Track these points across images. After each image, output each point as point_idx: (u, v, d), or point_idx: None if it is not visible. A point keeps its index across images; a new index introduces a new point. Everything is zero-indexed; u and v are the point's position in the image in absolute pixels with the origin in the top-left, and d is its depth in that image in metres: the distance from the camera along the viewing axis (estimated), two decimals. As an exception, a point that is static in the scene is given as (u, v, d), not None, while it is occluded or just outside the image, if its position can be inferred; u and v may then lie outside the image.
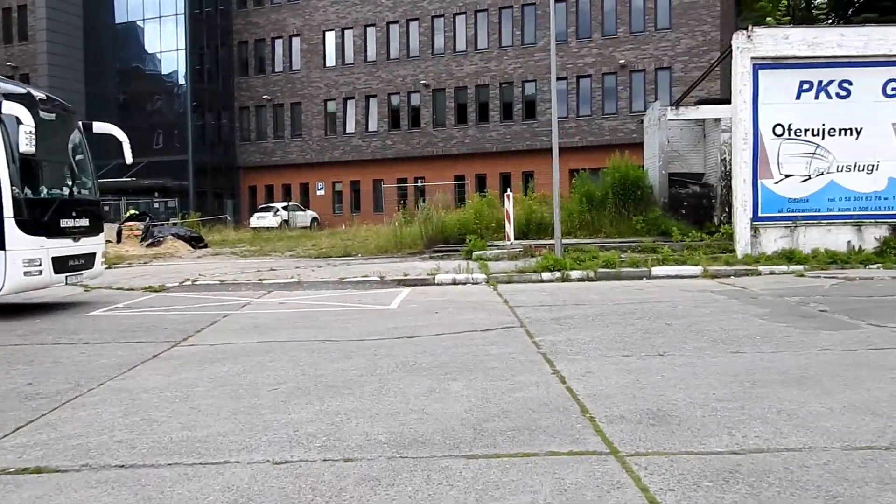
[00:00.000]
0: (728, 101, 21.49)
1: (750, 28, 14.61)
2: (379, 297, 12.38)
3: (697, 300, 10.87)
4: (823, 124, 14.86)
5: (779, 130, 14.90)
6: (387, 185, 35.99)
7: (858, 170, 14.89)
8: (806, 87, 14.85)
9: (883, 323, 8.55)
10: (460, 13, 35.89)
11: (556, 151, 15.30)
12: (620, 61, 32.91)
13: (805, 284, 12.36)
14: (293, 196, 40.73)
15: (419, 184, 36.18)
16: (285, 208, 36.91)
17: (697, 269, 14.04)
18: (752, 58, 14.66)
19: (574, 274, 14.04)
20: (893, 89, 14.84)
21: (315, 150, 40.15)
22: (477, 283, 14.01)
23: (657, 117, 20.89)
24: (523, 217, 20.37)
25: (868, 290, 11.36)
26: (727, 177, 20.49)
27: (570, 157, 33.99)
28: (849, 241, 14.84)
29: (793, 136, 14.88)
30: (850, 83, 14.79)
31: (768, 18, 51.16)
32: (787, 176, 14.92)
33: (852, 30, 14.72)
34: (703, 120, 21.79)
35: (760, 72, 14.73)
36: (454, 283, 14.08)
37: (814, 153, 14.89)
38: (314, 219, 38.62)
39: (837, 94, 14.85)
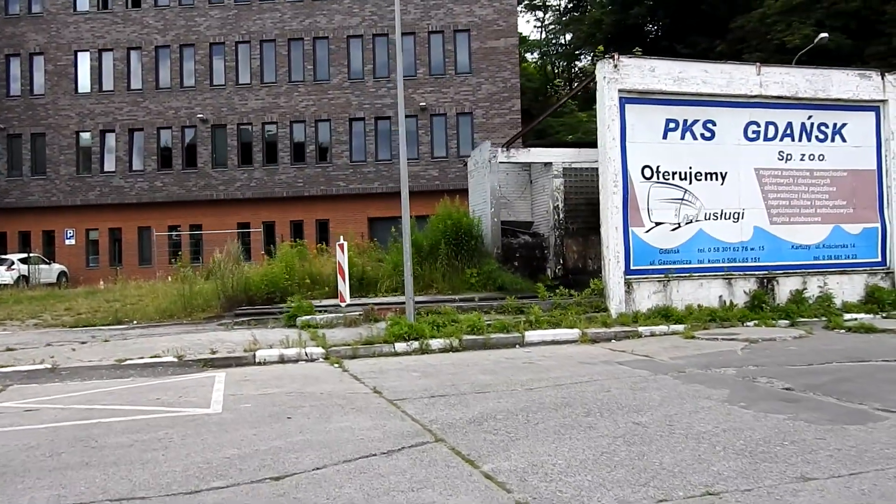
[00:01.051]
0: (556, 145, 20.21)
1: (616, 56, 13.01)
2: (186, 389, 8.57)
3: (622, 378, 8.53)
4: (690, 167, 13.59)
5: (647, 173, 13.36)
6: (158, 233, 30.70)
7: (725, 218, 13.76)
8: (672, 125, 13.52)
9: (889, 406, 6.76)
10: (243, 42, 32.14)
11: (405, 193, 12.49)
12: (421, 104, 31.18)
13: (712, 350, 10.59)
14: (34, 246, 33.59)
15: (197, 232, 31.37)
16: (24, 261, 29.98)
17: (574, 333, 11.89)
18: (620, 90, 13.04)
19: (435, 343, 11.24)
20: (755, 132, 14.01)
21: (64, 191, 33.57)
22: (314, 361, 10.66)
23: (487, 159, 18.93)
24: (341, 270, 17.24)
25: (792, 357, 9.74)
26: (560, 226, 19.01)
27: (369, 203, 31.48)
28: (720, 296, 13.57)
29: (661, 179, 13.42)
30: (715, 124, 13.72)
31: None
32: (657, 224, 13.38)
33: (716, 66, 13.72)
34: (529, 164, 20.27)
35: (627, 106, 13.16)
36: (282, 360, 10.60)
37: (682, 199, 13.54)
38: (62, 273, 31.93)
39: (703, 136, 13.69)
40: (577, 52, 64.58)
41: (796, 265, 14.06)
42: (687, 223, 13.51)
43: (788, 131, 14.16)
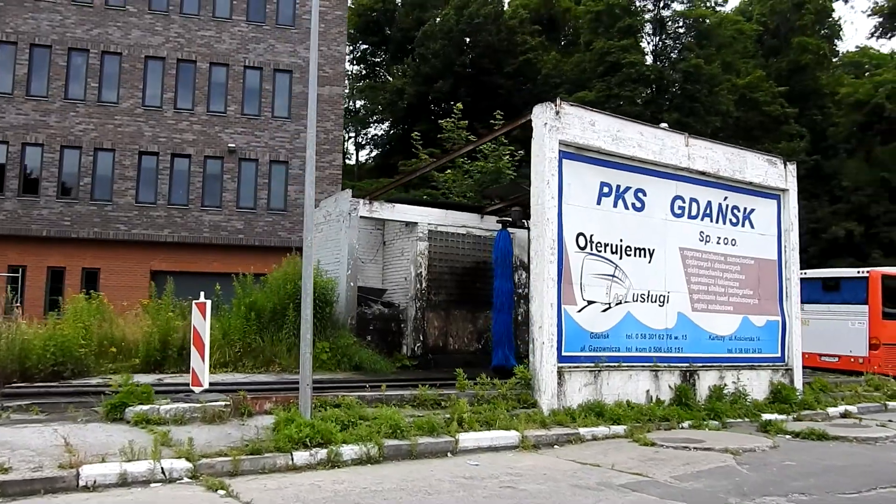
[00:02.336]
0: (421, 204, 17.75)
1: (558, 101, 10.99)
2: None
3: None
4: (621, 240, 11.83)
5: (581, 242, 11.34)
6: None
7: (651, 300, 12.10)
8: (606, 190, 11.73)
9: None
10: (7, 42, 25.81)
11: (308, 238, 9.21)
12: (230, 145, 27.11)
13: (705, 465, 8.51)
14: None
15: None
16: None
17: (513, 436, 9.36)
18: (560, 141, 11.00)
19: (347, 451, 7.98)
20: (680, 208, 12.69)
21: None
22: (175, 481, 6.97)
23: (345, 212, 15.90)
24: (156, 336, 13.09)
25: (819, 479, 7.95)
26: (422, 297, 16.45)
27: (155, 253, 26.44)
28: (647, 391, 11.74)
29: (594, 251, 11.47)
30: (645, 194, 12.18)
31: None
32: (589, 302, 11.32)
33: (650, 130, 12.25)
34: (384, 223, 17.57)
35: (564, 162, 11.13)
36: (125, 482, 6.82)
37: (613, 275, 11.66)
38: None
39: (633, 206, 12.06)
40: (370, 119, 63.69)
41: (713, 357, 12.76)
42: (617, 304, 11.63)
43: (708, 211, 13.06)
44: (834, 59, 55.76)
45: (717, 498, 7.01)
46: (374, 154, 62.49)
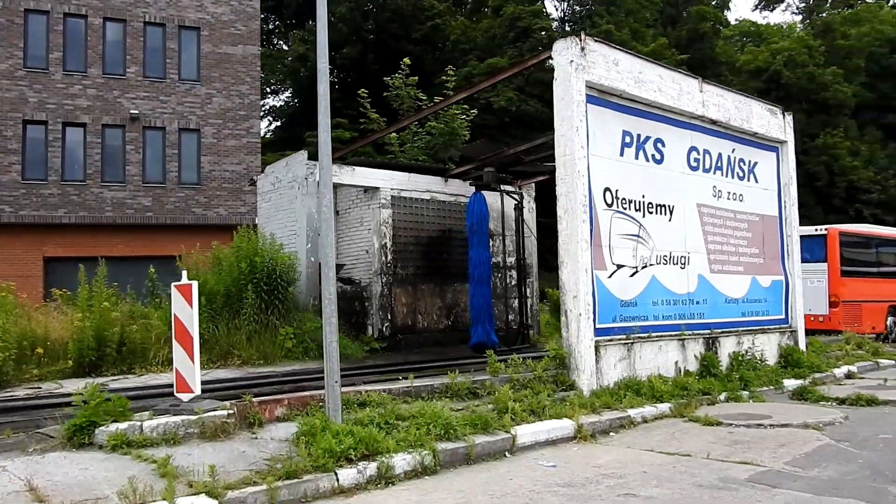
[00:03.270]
0: (382, 166, 15.87)
1: (583, 36, 9.49)
2: None
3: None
4: (643, 196, 10.55)
5: (608, 198, 9.98)
6: None
7: (673, 262, 10.94)
8: (628, 140, 10.40)
9: None
10: None
11: (327, 197, 7.35)
12: (132, 111, 24.00)
13: (807, 446, 7.38)
14: None
15: None
16: None
17: (568, 426, 7.94)
18: (586, 83, 9.54)
19: (399, 461, 6.31)
20: (696, 160, 11.54)
21: None
22: (205, 527, 5.03)
23: (301, 177, 13.89)
24: (90, 332, 10.74)
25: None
26: (388, 271, 14.74)
27: (48, 237, 23.19)
28: (676, 362, 10.59)
29: (620, 208, 10.14)
30: (664, 144, 10.94)
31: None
32: (619, 267, 10.00)
33: (669, 73, 10.99)
34: (337, 189, 15.61)
35: (589, 107, 9.67)
36: (137, 535, 4.81)
37: (638, 236, 10.39)
38: None
39: (653, 157, 10.80)
40: (267, 90, 60.14)
41: (731, 322, 11.80)
42: (643, 267, 10.38)
43: (719, 164, 12.02)
44: (722, 29, 57.19)
45: (870, 487, 5.85)
46: (273, 127, 59.18)
